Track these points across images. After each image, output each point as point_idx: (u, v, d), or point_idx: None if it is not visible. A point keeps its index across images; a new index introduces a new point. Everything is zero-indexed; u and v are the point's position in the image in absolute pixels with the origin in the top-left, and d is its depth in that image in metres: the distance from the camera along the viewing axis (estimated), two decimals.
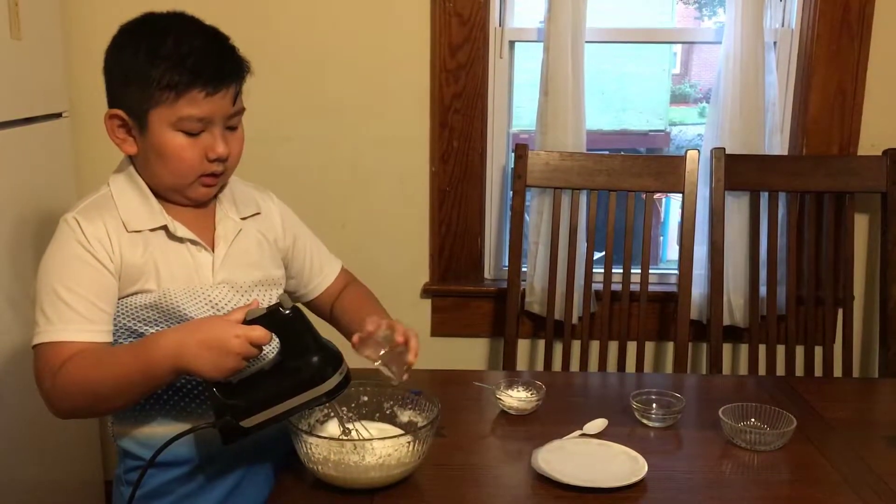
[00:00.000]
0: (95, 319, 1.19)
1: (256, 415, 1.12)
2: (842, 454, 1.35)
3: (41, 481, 1.98)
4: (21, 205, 1.87)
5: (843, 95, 2.14)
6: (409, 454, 1.17)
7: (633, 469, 1.24)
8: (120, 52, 1.23)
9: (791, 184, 2.11)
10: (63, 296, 1.17)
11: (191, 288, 1.25)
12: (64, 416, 1.20)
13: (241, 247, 1.33)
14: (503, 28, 2.22)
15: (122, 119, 1.23)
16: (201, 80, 1.18)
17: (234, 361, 1.08)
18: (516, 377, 1.57)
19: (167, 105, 1.19)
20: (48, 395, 1.17)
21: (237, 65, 1.24)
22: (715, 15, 2.98)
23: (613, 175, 2.08)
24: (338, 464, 1.16)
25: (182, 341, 1.09)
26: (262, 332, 1.09)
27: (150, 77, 1.18)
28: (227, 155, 1.24)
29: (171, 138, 1.21)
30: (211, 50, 1.22)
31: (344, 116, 2.20)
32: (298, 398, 1.13)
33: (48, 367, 1.16)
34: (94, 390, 1.14)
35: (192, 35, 1.21)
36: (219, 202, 1.33)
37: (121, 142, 1.25)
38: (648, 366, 2.31)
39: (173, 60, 1.17)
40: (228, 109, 1.23)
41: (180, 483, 1.28)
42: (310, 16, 2.16)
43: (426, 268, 2.30)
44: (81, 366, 1.14)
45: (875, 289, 2.23)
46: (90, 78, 2.20)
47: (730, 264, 2.15)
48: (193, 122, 1.20)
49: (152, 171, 1.25)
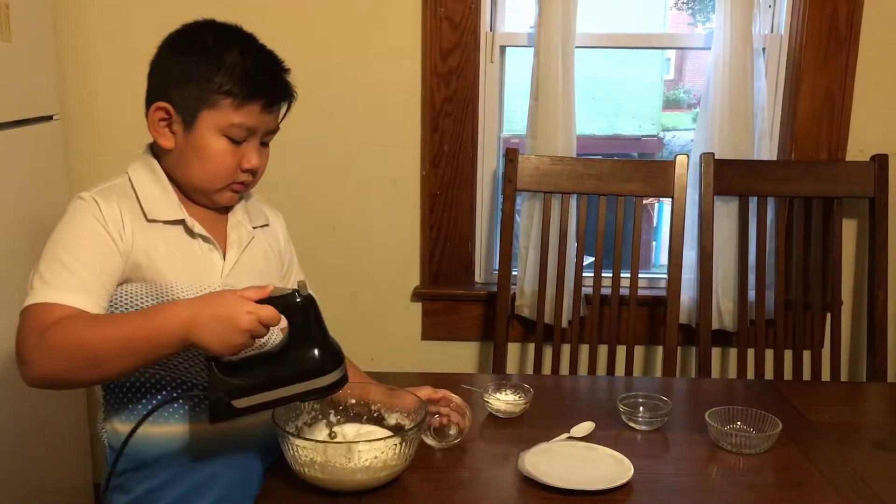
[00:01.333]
0: (95, 291, 1.17)
1: (249, 396, 1.11)
2: (827, 457, 1.36)
3: (31, 485, 1.97)
4: (13, 207, 1.87)
5: (832, 101, 2.16)
6: (395, 456, 1.18)
7: (619, 472, 1.25)
8: (183, 52, 1.26)
9: (780, 189, 2.12)
10: (67, 262, 1.16)
11: (196, 285, 1.25)
12: (40, 379, 1.12)
13: (251, 254, 1.35)
14: (494, 33, 2.22)
15: (167, 113, 1.25)
16: (263, 95, 1.25)
17: (241, 338, 1.08)
18: (505, 380, 1.58)
19: (223, 110, 1.23)
20: (30, 354, 1.10)
21: (290, 86, 1.31)
22: (708, 21, 2.99)
23: (603, 179, 2.09)
24: (324, 466, 1.16)
25: (194, 312, 1.08)
26: (273, 312, 1.09)
27: (214, 81, 1.22)
28: (258, 167, 1.29)
29: (214, 141, 1.24)
30: (273, 68, 1.29)
31: (335, 120, 2.21)
32: (294, 387, 1.12)
33: (37, 324, 1.11)
34: (90, 351, 1.10)
35: (255, 50, 1.28)
36: (232, 211, 1.36)
37: (159, 135, 1.27)
38: (638, 369, 2.32)
39: (240, 70, 1.23)
40: (273, 126, 1.30)
41: (168, 488, 1.27)
42: (301, 20, 2.17)
43: (417, 271, 2.30)
44: (78, 325, 1.11)
45: (863, 294, 2.24)
46: (81, 80, 2.23)
47: (719, 269, 2.16)
48: (242, 130, 1.25)
49: (186, 169, 1.27)
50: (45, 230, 1.25)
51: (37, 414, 1.98)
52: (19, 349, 1.12)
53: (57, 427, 2.12)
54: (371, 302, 2.32)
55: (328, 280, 2.26)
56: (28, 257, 1.83)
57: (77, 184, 2.16)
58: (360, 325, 2.30)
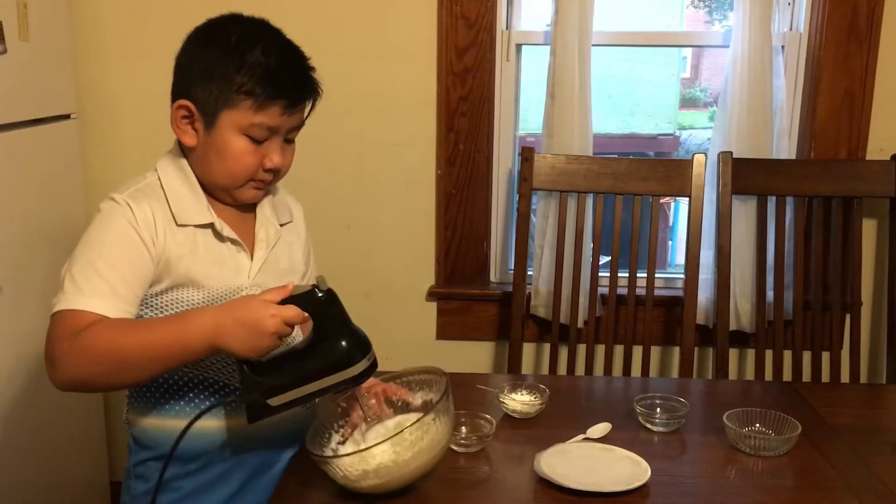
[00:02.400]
0: (126, 298, 1.17)
1: (283, 394, 1.13)
2: (846, 460, 1.34)
3: (47, 482, 1.99)
4: (30, 205, 1.88)
5: (852, 99, 2.13)
6: (438, 431, 1.15)
7: (636, 473, 1.24)
8: (206, 48, 1.24)
9: (799, 188, 2.10)
10: (100, 268, 1.16)
11: (226, 288, 1.26)
12: (70, 383, 1.13)
13: (278, 253, 1.35)
14: (510, 31, 2.22)
15: (189, 111, 1.24)
16: (284, 96, 1.22)
17: (268, 341, 1.10)
18: (520, 381, 1.57)
19: (243, 110, 1.21)
20: (61, 359, 1.11)
21: (314, 85, 1.28)
22: (725, 19, 2.98)
23: (619, 179, 2.07)
24: (378, 471, 1.13)
25: (219, 320, 1.10)
26: (297, 311, 1.10)
27: (234, 80, 1.20)
28: (280, 166, 1.28)
29: (235, 140, 1.23)
30: (296, 67, 1.25)
31: (350, 119, 2.21)
32: (325, 380, 1.14)
33: (68, 330, 1.11)
34: (123, 356, 1.11)
35: (279, 48, 1.24)
36: (260, 206, 1.35)
37: (181, 132, 1.26)
38: (654, 370, 2.30)
39: (262, 70, 1.20)
40: (296, 124, 1.28)
41: (190, 478, 1.29)
42: (316, 19, 2.17)
43: (432, 271, 2.30)
44: (110, 331, 1.12)
45: (883, 294, 2.21)
46: (98, 79, 2.24)
47: (736, 269, 2.15)
48: (263, 130, 1.23)
49: (207, 167, 1.27)
50: (61, 228, 1.26)
51: (53, 410, 1.99)
52: (50, 353, 1.12)
53: (73, 423, 2.13)
54: (386, 301, 2.32)
55: (343, 279, 2.23)
56: (46, 254, 1.84)
57: (93, 182, 2.17)
58: (375, 324, 2.26)
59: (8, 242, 1.79)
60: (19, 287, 1.81)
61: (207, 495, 1.30)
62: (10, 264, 1.79)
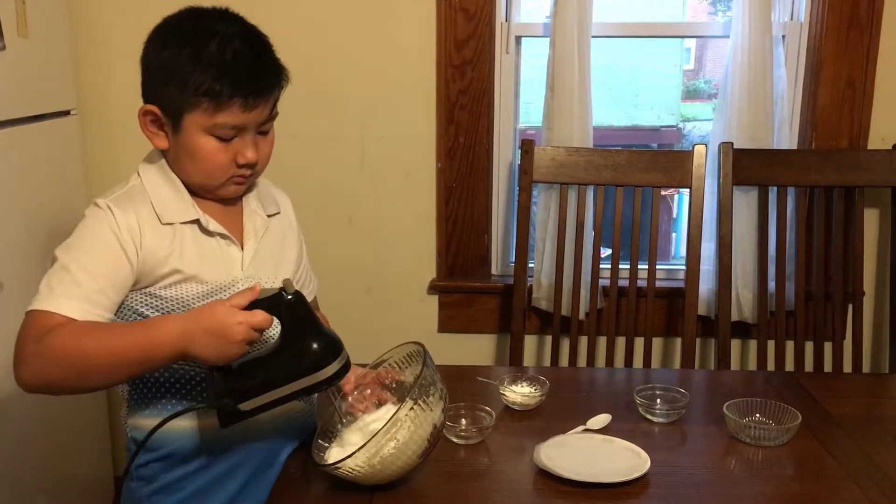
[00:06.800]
0: (99, 303, 1.17)
1: (255, 398, 1.13)
2: (847, 450, 1.34)
3: (53, 478, 1.99)
4: (30, 202, 1.88)
5: (853, 89, 2.13)
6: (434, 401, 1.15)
7: (636, 464, 1.24)
8: (161, 50, 1.21)
9: (800, 178, 2.09)
10: (75, 273, 1.16)
11: (220, 281, 1.26)
12: (34, 385, 1.14)
13: (269, 241, 1.35)
14: (509, 23, 2.21)
15: (155, 115, 1.23)
16: (241, 93, 1.18)
17: (237, 348, 1.09)
18: (521, 373, 1.57)
19: (203, 112, 1.19)
20: (27, 360, 1.12)
21: (277, 75, 1.24)
22: (728, 9, 2.96)
23: (620, 170, 2.07)
24: (384, 460, 1.13)
25: (186, 329, 1.09)
26: (264, 316, 1.10)
27: (190, 82, 1.17)
28: (255, 161, 1.25)
29: (202, 142, 1.21)
30: (254, 60, 1.21)
31: (350, 112, 2.21)
32: (297, 383, 1.13)
33: (36, 330, 1.12)
34: (86, 361, 1.11)
35: (235, 40, 1.19)
36: (246, 199, 1.35)
37: (152, 136, 1.25)
38: (656, 362, 2.30)
39: (216, 69, 1.16)
40: (263, 118, 1.24)
41: (193, 478, 1.29)
42: (315, 12, 2.16)
43: (433, 264, 2.30)
44: (76, 334, 1.12)
45: (885, 284, 2.21)
46: (98, 75, 2.24)
47: (738, 259, 2.14)
48: (227, 129, 1.21)
49: (182, 169, 1.26)
50: (61, 225, 1.26)
51: (58, 408, 1.99)
52: (18, 353, 1.13)
53: (78, 420, 2.14)
54: (387, 294, 2.32)
55: (344, 273, 2.27)
56: (44, 251, 1.84)
57: (93, 178, 2.18)
58: (376, 317, 2.30)
59: (8, 239, 1.79)
60: (19, 283, 1.82)
61: (211, 495, 1.29)
62: (10, 261, 1.79)
